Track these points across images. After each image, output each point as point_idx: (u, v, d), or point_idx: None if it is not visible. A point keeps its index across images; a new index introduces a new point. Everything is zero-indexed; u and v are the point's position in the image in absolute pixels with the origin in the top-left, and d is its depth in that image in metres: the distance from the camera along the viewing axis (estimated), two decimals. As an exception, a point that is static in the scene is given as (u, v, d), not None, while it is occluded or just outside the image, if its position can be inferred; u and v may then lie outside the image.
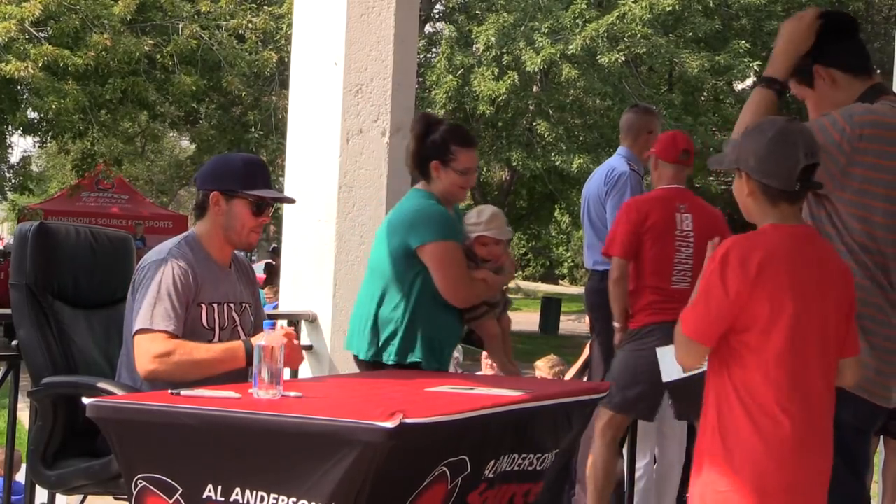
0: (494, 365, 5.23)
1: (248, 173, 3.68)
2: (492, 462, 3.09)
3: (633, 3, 17.38)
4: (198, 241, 3.70)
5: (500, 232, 4.40)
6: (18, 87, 16.05)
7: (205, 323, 3.60)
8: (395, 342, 4.18)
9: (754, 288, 2.80)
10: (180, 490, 2.75)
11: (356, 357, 4.29)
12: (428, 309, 4.20)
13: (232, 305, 3.72)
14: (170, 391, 3.05)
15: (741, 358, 2.87)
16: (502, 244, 4.41)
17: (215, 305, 3.65)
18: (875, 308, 3.08)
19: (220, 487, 2.70)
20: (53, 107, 15.24)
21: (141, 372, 3.48)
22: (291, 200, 4.30)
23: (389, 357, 4.19)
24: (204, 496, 2.72)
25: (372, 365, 4.23)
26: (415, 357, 4.18)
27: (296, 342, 3.58)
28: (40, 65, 14.62)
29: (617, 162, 5.67)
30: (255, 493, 2.67)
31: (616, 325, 5.11)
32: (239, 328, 3.71)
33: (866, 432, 3.18)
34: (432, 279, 4.19)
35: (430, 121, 4.39)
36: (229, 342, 3.58)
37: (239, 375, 3.48)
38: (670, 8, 17.36)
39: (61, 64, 14.85)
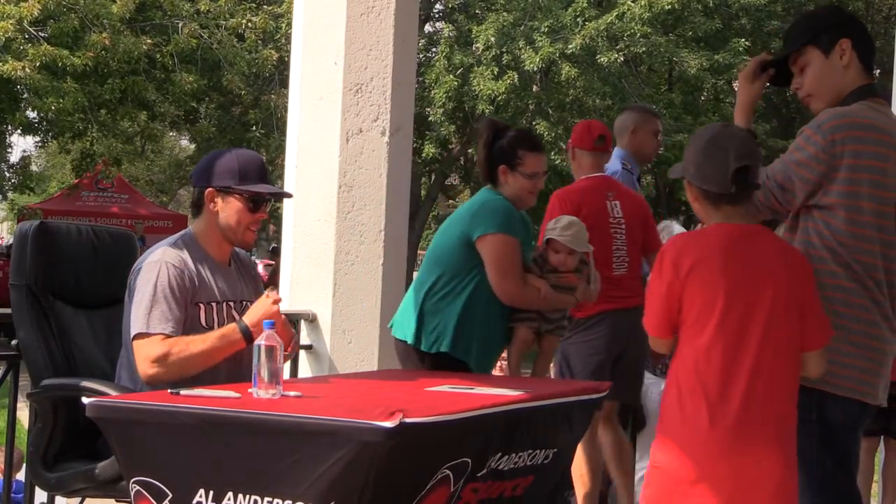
0: (503, 367, 5.22)
1: (242, 169, 3.62)
2: (491, 461, 3.09)
3: (632, 2, 17.37)
4: (195, 240, 3.66)
5: (574, 241, 4.36)
6: (18, 87, 16.03)
7: (203, 323, 3.57)
8: (440, 333, 4.21)
9: (685, 285, 3.00)
10: (170, 495, 2.74)
11: (398, 341, 4.32)
12: (481, 306, 4.22)
13: (231, 303, 3.68)
14: (169, 391, 3.05)
15: (680, 349, 3.07)
16: (575, 256, 4.38)
17: (213, 304, 3.62)
18: (860, 308, 3.13)
19: (211, 492, 2.70)
20: (52, 107, 15.23)
21: (143, 377, 3.45)
22: (288, 195, 4.22)
23: (433, 347, 4.21)
24: (195, 501, 2.71)
25: (414, 351, 4.25)
26: (458, 351, 4.20)
27: (283, 316, 3.52)
28: (37, 64, 14.59)
29: (611, 161, 5.69)
30: (248, 496, 2.66)
31: None
32: None
33: (856, 430, 3.22)
34: (486, 281, 4.20)
35: (498, 127, 4.47)
36: (223, 328, 3.52)
37: (240, 375, 3.47)
38: (669, 7, 17.34)
39: (60, 64, 14.83)
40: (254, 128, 18.48)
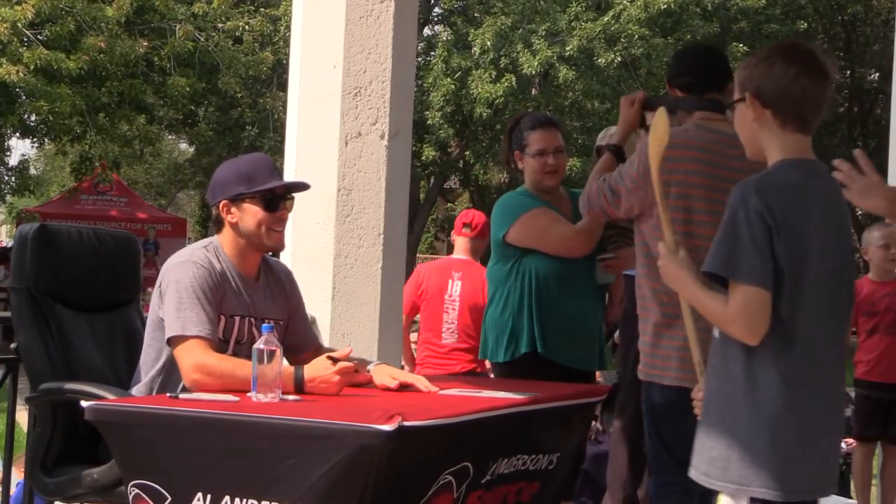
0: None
1: (249, 172, 3.49)
2: (492, 465, 3.10)
3: (628, 2, 17.38)
4: (221, 251, 3.52)
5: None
6: (17, 90, 16.02)
7: (220, 334, 3.42)
8: (514, 339, 4.23)
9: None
10: (169, 499, 2.74)
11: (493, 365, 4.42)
12: (537, 299, 4.19)
13: (253, 320, 3.51)
14: (168, 394, 3.05)
15: None
16: None
17: (236, 318, 3.47)
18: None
19: (209, 496, 2.70)
20: (45, 109, 15.20)
21: (186, 382, 3.31)
22: (305, 186, 3.80)
23: (513, 354, 4.23)
24: None
25: (501, 367, 4.29)
26: (541, 347, 4.18)
27: (349, 372, 3.30)
28: (32, 67, 14.57)
29: None
30: (245, 500, 2.66)
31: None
32: None
33: (677, 411, 3.40)
34: (530, 269, 4.21)
35: (517, 117, 4.54)
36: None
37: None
38: (665, 7, 17.35)
39: (55, 67, 14.82)
40: (249, 127, 18.46)
